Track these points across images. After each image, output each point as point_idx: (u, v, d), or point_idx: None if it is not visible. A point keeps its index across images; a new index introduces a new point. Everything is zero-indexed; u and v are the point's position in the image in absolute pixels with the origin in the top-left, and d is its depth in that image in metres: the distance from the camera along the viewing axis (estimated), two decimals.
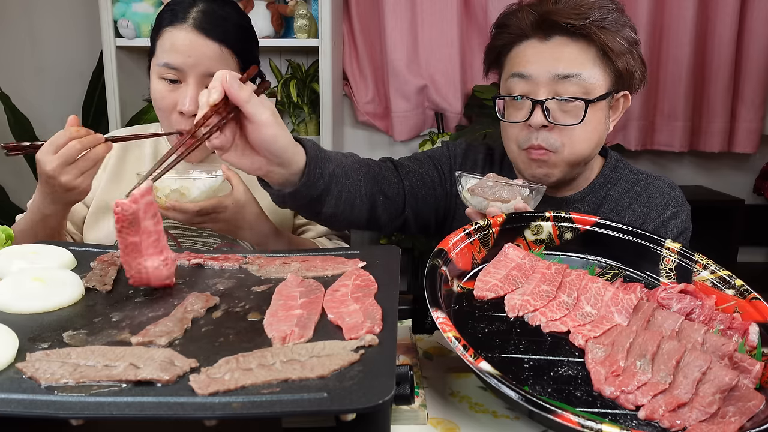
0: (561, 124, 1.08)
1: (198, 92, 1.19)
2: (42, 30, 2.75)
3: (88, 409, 0.55)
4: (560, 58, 1.08)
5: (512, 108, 1.13)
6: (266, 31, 2.40)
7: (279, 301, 0.77)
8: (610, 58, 1.09)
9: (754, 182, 2.86)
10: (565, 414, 0.61)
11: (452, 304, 0.83)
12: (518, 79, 1.10)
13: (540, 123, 1.08)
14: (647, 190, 1.19)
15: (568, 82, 1.07)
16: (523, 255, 0.92)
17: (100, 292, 0.81)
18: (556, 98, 1.08)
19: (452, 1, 2.58)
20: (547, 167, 1.11)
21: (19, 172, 2.73)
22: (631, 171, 1.23)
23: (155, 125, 1.41)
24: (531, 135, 1.10)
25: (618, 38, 1.08)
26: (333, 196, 1.00)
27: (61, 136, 1.04)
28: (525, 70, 1.10)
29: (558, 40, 1.09)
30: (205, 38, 1.19)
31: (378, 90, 2.75)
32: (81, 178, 1.05)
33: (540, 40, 1.10)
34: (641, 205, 1.18)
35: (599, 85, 1.09)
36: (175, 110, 1.21)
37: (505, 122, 1.14)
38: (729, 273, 0.90)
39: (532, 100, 1.08)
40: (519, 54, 1.12)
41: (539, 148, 1.10)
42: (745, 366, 0.74)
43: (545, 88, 1.08)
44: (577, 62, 1.08)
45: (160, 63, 1.20)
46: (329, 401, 0.55)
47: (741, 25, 2.59)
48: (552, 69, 1.07)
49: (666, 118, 2.70)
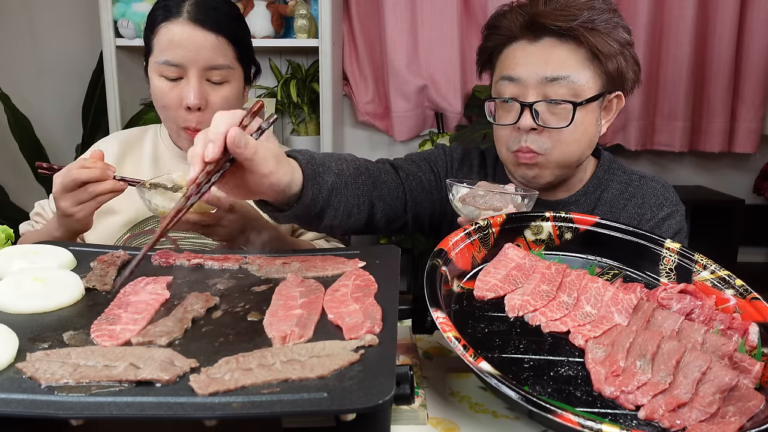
0: (549, 126, 1.08)
1: (200, 84, 1.20)
2: (42, 30, 2.75)
3: (88, 409, 0.55)
4: (549, 60, 1.07)
5: (502, 110, 1.13)
6: (266, 31, 2.39)
7: (279, 301, 0.77)
8: (600, 59, 1.08)
9: (754, 182, 2.86)
10: (565, 414, 0.61)
11: (452, 304, 0.83)
12: (507, 82, 1.10)
13: (528, 126, 1.07)
14: (641, 191, 1.19)
15: (556, 85, 1.06)
16: (523, 255, 0.92)
17: (100, 292, 0.81)
18: (544, 101, 1.07)
19: (452, 1, 2.58)
20: (537, 169, 1.11)
21: (19, 172, 2.73)
22: (624, 172, 1.23)
23: (154, 126, 1.40)
24: (520, 137, 1.09)
25: (608, 40, 1.07)
26: (332, 209, 0.96)
27: (73, 164, 1.05)
28: (514, 72, 1.09)
29: (547, 42, 1.08)
30: (202, 29, 1.19)
31: (378, 90, 2.75)
32: (77, 208, 1.05)
33: (529, 42, 1.10)
34: (635, 206, 1.18)
35: (589, 87, 1.08)
36: (180, 106, 1.21)
37: (495, 125, 1.14)
38: (729, 273, 0.90)
39: (521, 102, 1.08)
40: (508, 56, 1.12)
41: (528, 150, 1.09)
42: (745, 366, 0.74)
43: (534, 90, 1.07)
44: (565, 64, 1.07)
45: (159, 61, 1.20)
46: (329, 401, 0.55)
47: (741, 25, 2.59)
48: (540, 71, 1.07)
49: (666, 118, 2.70)
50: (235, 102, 1.27)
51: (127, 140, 1.37)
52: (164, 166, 1.34)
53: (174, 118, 1.24)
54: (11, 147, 2.57)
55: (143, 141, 1.37)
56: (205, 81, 1.21)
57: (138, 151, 1.36)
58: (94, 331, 0.70)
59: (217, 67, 1.21)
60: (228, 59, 1.22)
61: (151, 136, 1.38)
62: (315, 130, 2.60)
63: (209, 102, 1.22)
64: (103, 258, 0.91)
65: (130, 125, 2.40)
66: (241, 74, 1.27)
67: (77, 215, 1.06)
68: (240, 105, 1.30)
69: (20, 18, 2.74)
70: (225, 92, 1.24)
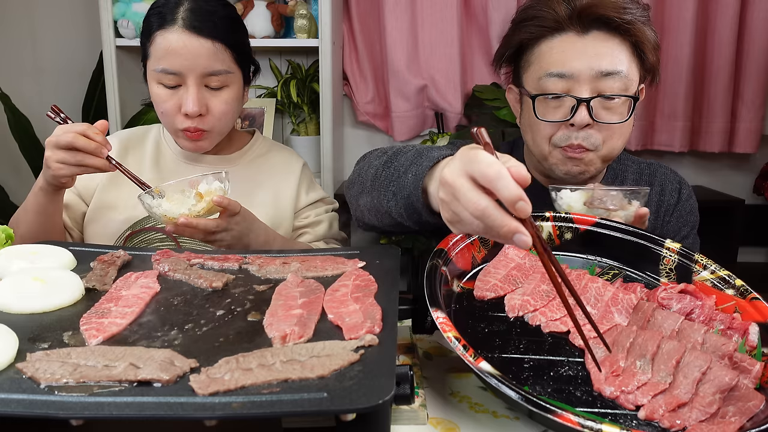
0: (606, 122, 1.06)
1: (198, 92, 1.20)
2: (42, 30, 2.75)
3: (88, 409, 0.55)
4: (601, 53, 1.04)
5: (547, 106, 1.09)
6: (266, 31, 2.39)
7: (279, 301, 0.77)
8: (643, 52, 1.07)
9: (754, 182, 2.86)
10: (565, 414, 0.61)
11: (452, 304, 0.83)
12: (557, 79, 1.06)
13: (585, 122, 1.05)
14: (657, 178, 1.23)
15: (611, 79, 1.04)
16: (523, 255, 0.92)
17: (100, 292, 0.81)
18: (601, 96, 1.05)
19: (452, 1, 2.58)
20: (583, 165, 1.10)
21: (19, 172, 2.73)
22: (633, 161, 1.26)
23: (157, 126, 1.41)
24: (571, 134, 1.07)
25: (651, 34, 1.07)
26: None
27: (77, 125, 1.10)
28: (564, 68, 1.05)
29: (596, 35, 1.05)
30: (198, 37, 1.18)
31: (378, 90, 2.75)
32: (60, 165, 1.09)
33: (578, 35, 1.06)
34: (656, 193, 1.20)
35: (635, 80, 1.08)
36: (179, 112, 1.21)
37: (541, 120, 1.09)
38: (729, 273, 0.90)
39: (578, 99, 1.05)
40: (553, 49, 1.07)
41: (579, 146, 1.07)
42: (745, 366, 0.74)
43: (587, 85, 1.05)
44: (618, 59, 1.05)
45: (157, 69, 1.20)
46: (329, 401, 0.55)
47: (741, 25, 2.59)
48: (595, 66, 1.04)
49: (666, 118, 2.69)
50: (235, 104, 1.27)
51: (129, 139, 1.37)
52: (166, 166, 1.34)
53: (173, 123, 1.24)
54: (11, 147, 2.57)
55: (145, 140, 1.38)
56: (203, 87, 1.21)
57: (140, 151, 1.36)
58: (83, 324, 0.70)
59: (215, 73, 1.21)
60: (226, 64, 1.22)
61: (153, 136, 1.38)
62: (315, 130, 2.60)
63: (209, 107, 1.22)
64: (103, 258, 0.91)
65: (131, 125, 2.40)
66: (240, 76, 1.27)
67: (57, 171, 1.09)
68: (240, 107, 1.30)
69: (20, 18, 2.74)
70: (224, 96, 1.23)
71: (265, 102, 2.58)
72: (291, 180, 1.39)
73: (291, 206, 1.37)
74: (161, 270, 0.87)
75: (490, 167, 0.62)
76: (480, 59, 2.68)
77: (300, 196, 1.39)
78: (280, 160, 1.42)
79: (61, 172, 1.09)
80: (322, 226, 1.39)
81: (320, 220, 1.40)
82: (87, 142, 1.08)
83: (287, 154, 1.45)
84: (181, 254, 0.93)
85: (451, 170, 0.68)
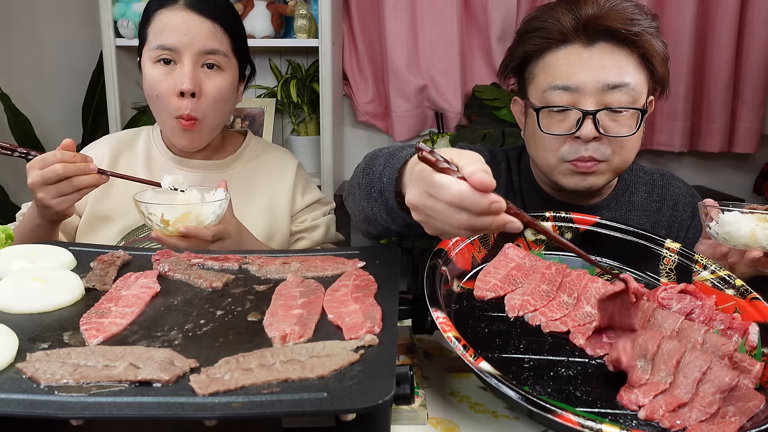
0: (614, 135, 1.04)
1: (194, 69, 1.19)
2: (42, 30, 2.75)
3: (88, 409, 0.55)
4: (607, 66, 1.02)
5: (551, 119, 1.07)
6: (266, 31, 2.39)
7: (279, 301, 0.77)
8: (652, 64, 1.05)
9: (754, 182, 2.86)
10: (565, 414, 0.61)
11: (452, 304, 0.83)
12: (562, 92, 1.04)
13: (592, 135, 1.03)
14: (670, 193, 1.21)
15: (617, 92, 1.02)
16: (523, 255, 0.92)
17: (100, 292, 0.81)
18: (607, 109, 1.03)
19: (452, 1, 2.58)
20: (593, 177, 1.08)
21: (19, 172, 2.72)
22: (645, 172, 1.24)
23: (147, 128, 1.39)
24: (579, 147, 1.05)
25: (659, 45, 1.06)
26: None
27: (51, 155, 1.05)
28: (570, 81, 1.04)
29: (603, 47, 1.04)
30: (199, 16, 1.20)
31: (378, 90, 2.75)
32: (58, 200, 1.05)
33: (584, 46, 1.04)
34: (668, 208, 1.19)
35: (643, 93, 1.06)
36: (173, 95, 1.20)
37: (546, 133, 1.07)
38: (729, 273, 0.90)
39: (583, 111, 1.03)
40: (558, 61, 1.06)
41: (589, 159, 1.05)
42: (745, 366, 0.74)
43: (593, 98, 1.03)
44: (625, 71, 1.03)
45: (153, 46, 1.20)
46: (329, 401, 0.55)
47: (741, 25, 2.59)
48: (601, 78, 1.02)
49: (666, 118, 2.69)
50: (229, 94, 1.26)
51: (120, 142, 1.36)
52: (157, 168, 1.33)
53: (167, 108, 1.22)
54: None
55: (136, 143, 1.36)
56: (199, 67, 1.21)
57: (131, 153, 1.35)
58: (83, 324, 0.70)
59: (213, 51, 1.21)
60: (223, 47, 1.22)
61: (144, 138, 1.37)
62: (315, 130, 2.60)
63: (203, 89, 1.21)
64: (103, 258, 0.91)
65: (131, 125, 2.39)
66: (235, 66, 1.27)
67: (57, 207, 1.06)
68: (234, 99, 1.29)
69: (20, 18, 2.74)
70: (219, 81, 1.23)
71: (265, 102, 2.58)
72: (286, 182, 1.38)
73: (287, 210, 1.36)
74: (161, 270, 0.87)
75: (449, 192, 0.63)
76: (480, 59, 2.68)
77: (296, 199, 1.38)
78: (274, 162, 1.40)
79: (63, 205, 1.06)
80: (319, 231, 1.38)
81: (317, 224, 1.39)
82: (75, 166, 1.04)
83: (281, 155, 1.43)
84: (181, 254, 0.93)
85: (415, 195, 0.68)
